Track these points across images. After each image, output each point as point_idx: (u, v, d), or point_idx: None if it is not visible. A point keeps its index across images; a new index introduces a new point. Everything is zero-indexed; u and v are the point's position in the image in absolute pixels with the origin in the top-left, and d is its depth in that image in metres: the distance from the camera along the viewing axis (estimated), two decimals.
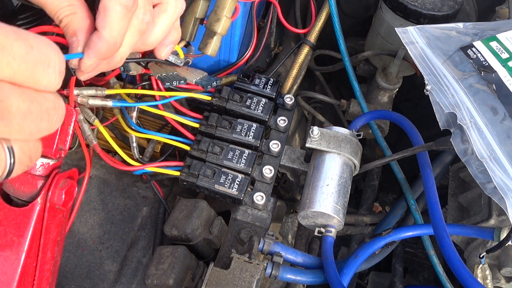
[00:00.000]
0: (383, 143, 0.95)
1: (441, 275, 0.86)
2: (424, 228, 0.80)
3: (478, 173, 0.66)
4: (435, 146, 0.76)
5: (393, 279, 1.01)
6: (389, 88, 1.03)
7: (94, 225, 0.85)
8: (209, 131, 0.81)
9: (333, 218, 0.72)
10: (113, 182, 0.89)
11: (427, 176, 0.75)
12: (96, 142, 0.80)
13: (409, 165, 1.01)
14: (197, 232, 0.74)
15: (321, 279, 0.72)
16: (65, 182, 0.63)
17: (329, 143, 0.77)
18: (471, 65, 0.73)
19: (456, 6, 0.89)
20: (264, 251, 0.71)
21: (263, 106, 0.83)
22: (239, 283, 0.66)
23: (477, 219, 0.81)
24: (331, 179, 0.74)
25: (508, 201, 0.61)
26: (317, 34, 0.99)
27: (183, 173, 0.78)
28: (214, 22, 0.78)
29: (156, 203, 0.88)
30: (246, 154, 0.79)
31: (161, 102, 0.80)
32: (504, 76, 0.70)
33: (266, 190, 0.79)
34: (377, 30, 0.98)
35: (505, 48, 0.74)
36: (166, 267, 0.70)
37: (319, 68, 1.11)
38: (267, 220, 0.77)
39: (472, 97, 0.69)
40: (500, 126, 0.67)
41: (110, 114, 0.88)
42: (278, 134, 0.84)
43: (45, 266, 0.63)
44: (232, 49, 0.92)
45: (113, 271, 0.83)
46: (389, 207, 1.31)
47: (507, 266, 0.79)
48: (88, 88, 0.76)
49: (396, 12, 0.90)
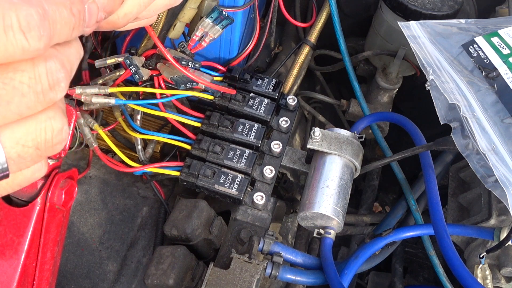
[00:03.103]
0: (383, 143, 0.95)
1: (441, 275, 0.86)
2: (424, 228, 0.80)
3: (479, 167, 0.66)
4: (435, 146, 0.76)
5: (393, 279, 1.01)
6: (389, 88, 1.03)
7: (94, 225, 0.85)
8: (210, 130, 0.81)
9: (332, 219, 0.72)
10: (113, 182, 0.89)
11: (429, 176, 0.75)
12: (96, 145, 0.80)
13: (410, 165, 1.01)
14: (197, 232, 0.74)
15: (321, 280, 0.72)
16: (65, 182, 0.63)
17: (330, 144, 0.77)
18: (472, 63, 0.73)
19: (456, 6, 0.89)
20: (264, 251, 0.71)
21: (265, 107, 0.83)
22: (239, 283, 0.66)
23: (477, 219, 0.81)
24: (332, 181, 0.74)
25: (509, 194, 0.61)
26: (317, 34, 0.99)
27: (183, 173, 0.78)
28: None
29: (156, 203, 0.88)
30: (246, 154, 0.79)
31: (163, 100, 0.81)
32: (505, 73, 0.70)
33: (266, 190, 0.79)
34: (377, 30, 0.98)
35: (506, 43, 0.74)
36: (166, 267, 0.70)
37: (319, 68, 1.11)
38: (267, 220, 0.77)
39: (475, 93, 0.69)
40: (501, 124, 0.67)
41: (110, 116, 0.88)
42: (280, 134, 0.84)
43: (45, 266, 0.63)
44: (232, 46, 0.92)
45: (113, 271, 0.83)
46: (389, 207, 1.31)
47: (507, 266, 0.79)
48: (91, 87, 0.77)
49: (396, 12, 0.90)
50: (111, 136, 0.86)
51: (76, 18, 0.33)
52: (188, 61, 0.78)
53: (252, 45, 0.94)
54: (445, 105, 0.70)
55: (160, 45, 0.75)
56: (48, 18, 0.30)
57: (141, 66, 0.79)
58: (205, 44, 0.81)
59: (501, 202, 0.73)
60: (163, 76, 0.81)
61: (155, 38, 0.75)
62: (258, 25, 0.93)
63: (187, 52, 0.81)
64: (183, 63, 0.77)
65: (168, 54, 0.75)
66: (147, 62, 0.80)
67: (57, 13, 0.31)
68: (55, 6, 0.31)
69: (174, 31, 0.80)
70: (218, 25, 0.79)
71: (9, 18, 0.27)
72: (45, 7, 0.30)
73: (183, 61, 0.77)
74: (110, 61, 0.79)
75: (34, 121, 0.32)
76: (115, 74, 0.81)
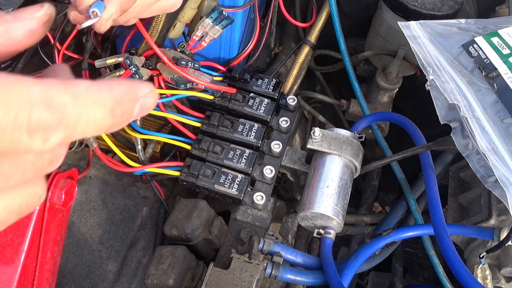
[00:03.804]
0: (383, 143, 0.95)
1: (441, 275, 0.86)
2: (424, 228, 0.80)
3: (479, 167, 0.66)
4: (435, 146, 0.76)
5: (393, 279, 1.01)
6: (389, 88, 1.03)
7: (94, 225, 0.85)
8: (210, 130, 0.81)
9: (332, 220, 0.72)
10: (113, 182, 0.89)
11: (429, 176, 0.75)
12: (96, 145, 0.80)
13: (410, 165, 1.01)
14: (197, 232, 0.74)
15: (321, 280, 0.72)
16: (65, 182, 0.63)
17: (330, 144, 0.77)
18: (472, 63, 0.73)
19: (456, 6, 0.89)
20: (264, 251, 0.71)
21: (265, 107, 0.83)
22: (239, 283, 0.66)
23: (477, 219, 0.81)
24: (332, 181, 0.74)
25: (509, 194, 0.61)
26: (317, 34, 0.99)
27: (183, 173, 0.78)
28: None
29: (156, 203, 0.88)
30: (246, 154, 0.79)
31: (163, 100, 0.81)
32: (505, 73, 0.70)
33: (266, 190, 0.79)
34: (377, 30, 0.98)
35: (506, 43, 0.74)
36: (166, 267, 0.70)
37: (319, 68, 1.11)
38: (267, 220, 0.77)
39: (475, 93, 0.69)
40: (501, 124, 0.67)
41: None
42: (280, 134, 0.84)
43: (45, 266, 0.63)
44: (232, 46, 0.92)
45: (113, 271, 0.83)
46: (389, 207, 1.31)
47: (507, 266, 0.79)
48: None
49: (396, 12, 0.90)
50: (111, 136, 0.86)
51: (116, 119, 0.30)
52: (188, 61, 0.78)
53: (252, 45, 0.94)
54: (445, 105, 0.70)
55: (156, 48, 0.75)
56: (66, 121, 0.28)
57: (141, 66, 0.79)
58: (205, 44, 0.81)
59: (501, 202, 0.73)
60: (163, 76, 0.81)
61: (151, 41, 0.75)
62: (258, 25, 0.93)
63: (187, 52, 0.81)
64: (183, 63, 0.77)
65: (164, 57, 0.75)
66: (147, 62, 0.80)
67: (84, 115, 0.28)
68: (84, 107, 0.28)
69: (174, 31, 0.80)
70: (218, 25, 0.79)
71: (20, 119, 0.26)
72: (67, 109, 0.27)
73: (182, 61, 0.77)
74: (110, 61, 0.79)
75: (23, 189, 0.31)
76: (115, 74, 0.81)
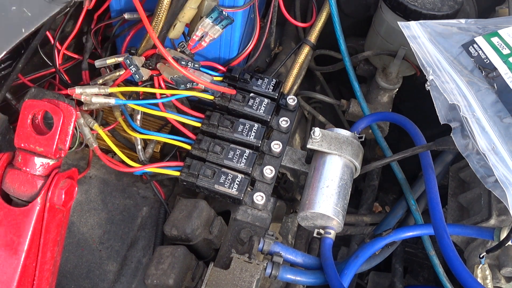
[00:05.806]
0: (383, 143, 0.95)
1: (441, 275, 0.86)
2: (424, 228, 0.80)
3: (479, 167, 0.66)
4: (435, 146, 0.76)
5: (393, 279, 1.01)
6: (389, 88, 1.03)
7: (94, 225, 0.85)
8: (210, 130, 0.81)
9: (332, 219, 0.72)
10: (113, 182, 0.89)
11: (429, 176, 0.75)
12: (96, 145, 0.80)
13: (410, 165, 1.01)
14: (197, 232, 0.74)
15: (321, 280, 0.72)
16: (65, 182, 0.63)
17: (330, 144, 0.77)
18: (472, 63, 0.73)
19: (456, 6, 0.89)
20: (264, 251, 0.71)
21: (265, 107, 0.83)
22: (239, 283, 0.66)
23: (477, 219, 0.81)
24: (332, 181, 0.74)
25: (509, 194, 0.61)
26: (317, 34, 0.99)
27: (183, 173, 0.78)
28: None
29: (156, 203, 0.88)
30: (246, 154, 0.79)
31: (163, 100, 0.81)
32: (505, 73, 0.71)
33: (266, 190, 0.79)
34: (377, 30, 0.98)
35: (506, 43, 0.74)
36: (166, 267, 0.70)
37: (319, 68, 1.11)
38: (267, 220, 0.77)
39: (475, 93, 0.69)
40: (501, 124, 0.67)
41: (110, 116, 0.88)
42: (280, 134, 0.84)
43: (45, 266, 0.63)
44: (232, 46, 0.92)
45: (113, 271, 0.83)
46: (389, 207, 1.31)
47: (507, 266, 0.79)
48: (91, 87, 0.77)
49: (396, 12, 0.90)
50: (111, 136, 0.87)
51: None
52: (188, 61, 0.78)
53: (252, 45, 0.94)
54: (445, 105, 0.70)
55: (160, 46, 0.75)
56: None
57: (141, 66, 0.79)
58: (205, 44, 0.81)
59: (501, 202, 0.73)
60: (163, 76, 0.81)
61: (156, 39, 0.75)
62: (258, 25, 0.93)
63: (187, 52, 0.81)
64: (183, 63, 0.77)
65: (168, 56, 0.75)
66: (147, 62, 0.80)
67: None
68: None
69: (174, 31, 0.80)
70: (218, 25, 0.79)
71: None
72: None
73: (182, 61, 0.77)
74: (110, 61, 0.79)
75: None
76: (115, 74, 0.81)
